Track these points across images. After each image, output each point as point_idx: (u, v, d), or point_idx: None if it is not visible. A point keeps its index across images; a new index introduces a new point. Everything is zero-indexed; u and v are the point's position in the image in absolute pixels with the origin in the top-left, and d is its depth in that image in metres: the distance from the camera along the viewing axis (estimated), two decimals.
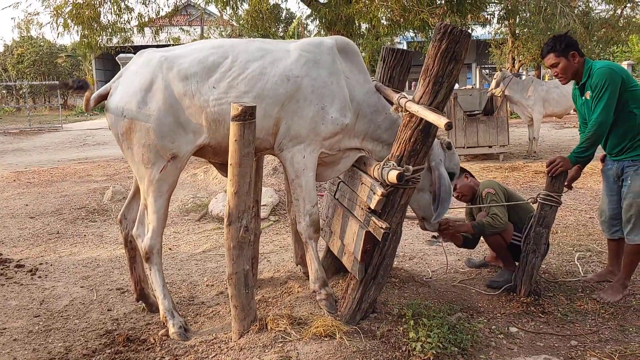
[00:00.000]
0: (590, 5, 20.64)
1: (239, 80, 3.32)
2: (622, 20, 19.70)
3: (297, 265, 4.38)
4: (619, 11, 19.93)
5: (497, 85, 11.43)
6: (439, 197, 3.56)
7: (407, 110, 3.18)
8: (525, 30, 19.60)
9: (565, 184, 3.98)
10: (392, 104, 3.53)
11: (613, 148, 3.96)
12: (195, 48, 3.48)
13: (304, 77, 3.39)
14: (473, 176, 4.46)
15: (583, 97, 3.96)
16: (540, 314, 3.76)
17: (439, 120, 2.93)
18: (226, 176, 3.74)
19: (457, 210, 5.11)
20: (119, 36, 12.34)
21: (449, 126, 2.86)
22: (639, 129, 3.81)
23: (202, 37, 20.94)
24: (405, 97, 3.28)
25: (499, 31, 22.68)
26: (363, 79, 3.62)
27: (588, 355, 3.25)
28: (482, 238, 4.42)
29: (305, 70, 3.40)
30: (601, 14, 20.34)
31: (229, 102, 3.25)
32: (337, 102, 3.43)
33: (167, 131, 3.32)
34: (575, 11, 18.25)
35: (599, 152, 4.07)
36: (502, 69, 12.78)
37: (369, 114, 3.57)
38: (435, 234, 5.77)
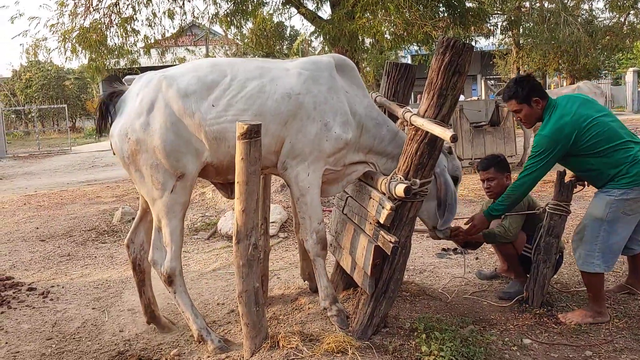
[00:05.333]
0: (594, 13, 20.76)
1: (238, 98, 3.32)
2: (625, 28, 19.75)
3: (304, 280, 4.38)
4: (622, 18, 19.98)
5: None
6: (446, 204, 3.58)
7: (413, 124, 3.19)
8: (529, 40, 19.66)
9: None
10: (397, 118, 3.55)
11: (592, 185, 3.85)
12: (193, 66, 3.47)
13: (305, 94, 3.39)
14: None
15: None
16: (553, 325, 3.73)
17: (444, 133, 2.94)
18: (227, 196, 3.74)
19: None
20: (126, 58, 12.50)
21: (454, 139, 2.87)
22: (608, 168, 3.61)
23: (207, 56, 21.11)
24: (410, 111, 3.30)
25: (502, 42, 22.76)
26: (362, 94, 3.65)
27: None
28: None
29: (306, 88, 3.40)
30: (605, 21, 20.42)
31: (228, 121, 3.26)
32: (339, 117, 3.44)
33: (171, 150, 3.29)
34: (579, 20, 18.34)
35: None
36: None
37: (372, 127, 3.58)
38: (446, 247, 5.82)
